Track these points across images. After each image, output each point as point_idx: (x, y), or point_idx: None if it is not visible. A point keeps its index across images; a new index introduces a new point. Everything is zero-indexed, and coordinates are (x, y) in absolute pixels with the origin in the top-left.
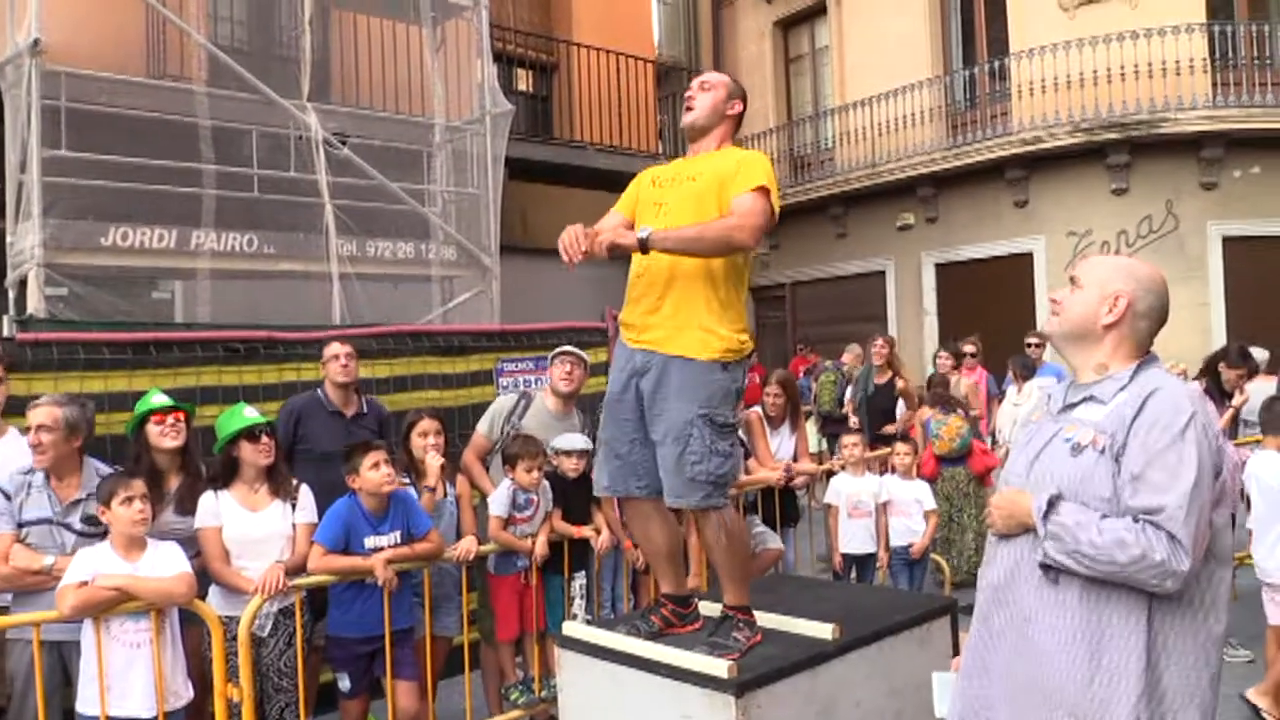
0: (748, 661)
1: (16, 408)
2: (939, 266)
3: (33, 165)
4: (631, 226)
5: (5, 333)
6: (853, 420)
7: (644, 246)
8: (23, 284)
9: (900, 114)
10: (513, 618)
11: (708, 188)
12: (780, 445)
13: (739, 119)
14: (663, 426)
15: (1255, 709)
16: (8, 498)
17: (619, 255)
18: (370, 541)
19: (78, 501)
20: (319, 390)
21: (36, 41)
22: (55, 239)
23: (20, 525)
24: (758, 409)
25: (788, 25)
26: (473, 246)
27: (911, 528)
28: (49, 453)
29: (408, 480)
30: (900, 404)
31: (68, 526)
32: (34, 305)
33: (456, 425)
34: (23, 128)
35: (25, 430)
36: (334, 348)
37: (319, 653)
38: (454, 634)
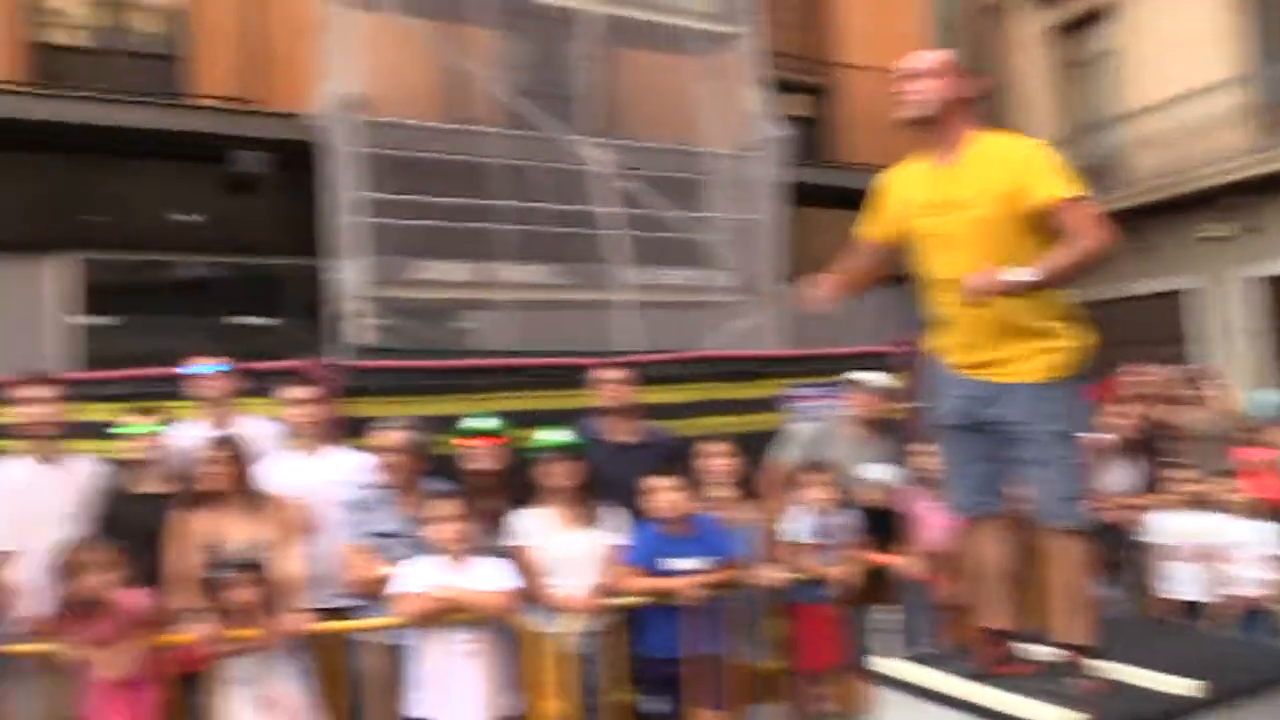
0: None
1: (352, 428)
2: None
3: (354, 208)
4: (882, 249)
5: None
6: None
7: (1037, 286)
8: (346, 315)
9: (1199, 117)
10: (815, 648)
11: (994, 216)
12: (1122, 476)
13: (972, 101)
14: (1032, 450)
15: None
16: (361, 510)
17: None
18: (671, 564)
19: (416, 518)
20: (591, 420)
21: (360, 96)
22: (375, 275)
23: (372, 537)
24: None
25: (1064, 30)
26: (752, 274)
27: (1247, 574)
28: (399, 473)
29: (707, 506)
30: None
31: (411, 540)
32: (355, 335)
33: (749, 451)
34: (342, 174)
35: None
36: (608, 373)
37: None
38: (756, 662)
